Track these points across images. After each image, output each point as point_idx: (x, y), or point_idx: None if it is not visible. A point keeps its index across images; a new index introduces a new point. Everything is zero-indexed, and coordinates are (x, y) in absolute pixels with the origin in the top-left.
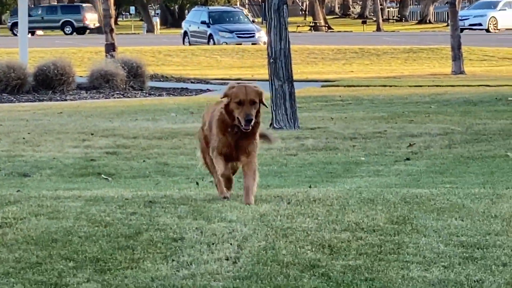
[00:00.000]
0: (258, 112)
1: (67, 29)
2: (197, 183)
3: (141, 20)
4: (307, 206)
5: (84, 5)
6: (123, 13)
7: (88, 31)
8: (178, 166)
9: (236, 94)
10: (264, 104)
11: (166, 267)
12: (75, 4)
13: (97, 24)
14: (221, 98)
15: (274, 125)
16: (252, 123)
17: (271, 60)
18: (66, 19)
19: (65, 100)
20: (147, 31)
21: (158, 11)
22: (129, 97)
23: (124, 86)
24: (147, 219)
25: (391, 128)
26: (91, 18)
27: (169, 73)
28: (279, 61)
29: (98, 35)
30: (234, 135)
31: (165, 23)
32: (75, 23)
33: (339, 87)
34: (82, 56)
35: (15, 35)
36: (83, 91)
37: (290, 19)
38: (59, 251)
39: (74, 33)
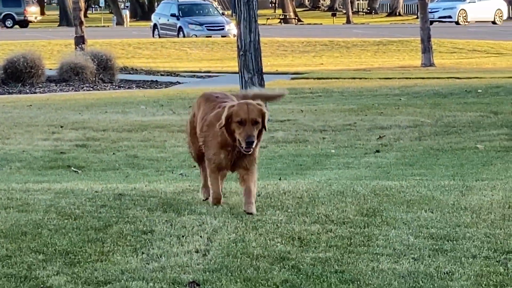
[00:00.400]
0: (260, 132)
1: (8, 22)
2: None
3: (111, 12)
4: (277, 198)
5: None
6: (93, 6)
7: (29, 24)
8: (148, 159)
9: (237, 112)
10: (264, 127)
11: (136, 260)
12: None
13: (39, 18)
14: (223, 117)
15: None
16: (253, 145)
17: (241, 53)
18: (7, 12)
19: (35, 92)
20: (116, 24)
21: (128, 4)
22: (99, 90)
23: (94, 78)
24: (117, 212)
25: (361, 121)
26: (33, 11)
27: (139, 66)
28: (249, 53)
29: (68, 27)
30: (234, 154)
31: (134, 16)
32: (16, 16)
33: (309, 79)
34: (51, 49)
35: None
36: (52, 83)
37: (259, 12)
38: (29, 244)
39: (16, 26)
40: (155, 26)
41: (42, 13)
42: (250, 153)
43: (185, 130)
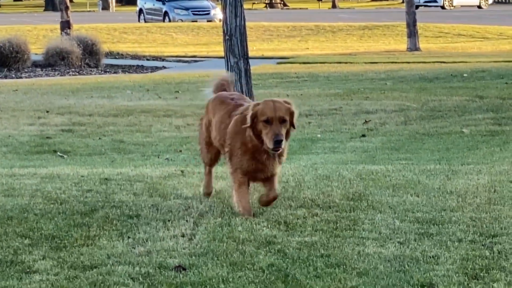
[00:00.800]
0: (288, 132)
1: None
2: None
3: None
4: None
5: None
6: None
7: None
8: (134, 144)
9: (263, 111)
10: (293, 126)
11: (122, 244)
12: None
13: None
14: (248, 117)
15: None
16: (282, 145)
17: (227, 37)
18: None
19: (20, 77)
20: (102, 9)
21: None
22: (85, 75)
23: (80, 63)
24: (103, 197)
25: (347, 105)
26: None
27: (125, 51)
28: (235, 38)
29: (53, 12)
30: (263, 159)
31: (120, 1)
32: None
33: (294, 64)
34: (37, 34)
35: None
36: (38, 68)
37: None
38: (15, 229)
39: None
40: (140, 10)
41: None
42: (279, 152)
43: (199, 135)
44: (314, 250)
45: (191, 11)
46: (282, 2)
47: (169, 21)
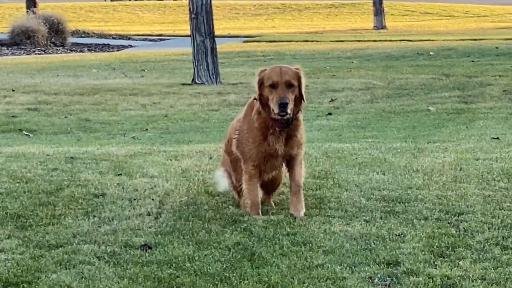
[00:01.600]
0: (298, 99)
1: None
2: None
3: None
4: None
5: None
6: None
7: None
8: (99, 122)
9: (269, 75)
10: (301, 92)
11: (88, 223)
12: None
13: None
14: (256, 83)
15: (196, 80)
16: (288, 110)
17: (193, 16)
18: None
19: None
20: None
21: None
22: (51, 53)
23: (46, 42)
24: (68, 175)
25: (313, 83)
26: None
27: (91, 29)
28: (201, 16)
29: None
30: (274, 135)
31: None
32: None
33: (261, 42)
34: (2, 12)
35: None
36: (4, 47)
37: None
38: None
39: None
40: None
41: None
42: (285, 116)
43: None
44: (280, 228)
45: None
46: None
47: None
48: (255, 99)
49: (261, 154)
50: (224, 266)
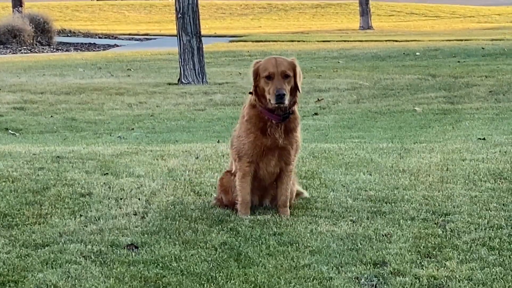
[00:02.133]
0: (294, 90)
1: None
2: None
3: None
4: (216, 161)
5: None
6: None
7: None
8: (85, 121)
9: (264, 66)
10: (297, 86)
11: (74, 222)
12: None
13: None
14: (250, 75)
15: (182, 80)
16: (286, 101)
17: (179, 15)
18: None
19: None
20: None
21: None
22: (37, 52)
23: (32, 41)
24: (55, 174)
25: None
26: None
27: (77, 29)
28: (187, 16)
29: None
30: (271, 128)
31: None
32: None
33: (247, 42)
34: None
35: None
36: None
37: None
38: None
39: None
40: None
41: None
42: (282, 106)
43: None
44: (267, 228)
45: None
46: None
47: None
48: (250, 92)
49: (257, 149)
50: (211, 265)
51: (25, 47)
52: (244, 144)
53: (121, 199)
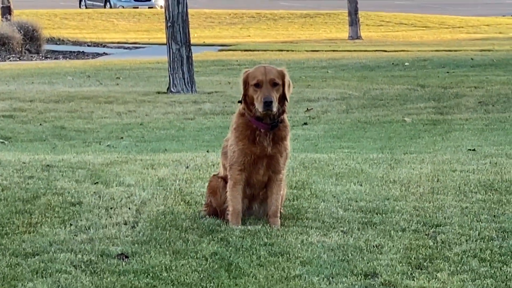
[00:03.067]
0: (282, 98)
1: None
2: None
3: None
4: (206, 170)
5: None
6: None
7: None
8: (75, 130)
9: (253, 74)
10: (284, 91)
11: (64, 232)
12: None
13: None
14: (240, 83)
15: (171, 89)
16: (274, 108)
17: (169, 24)
18: None
19: None
20: None
21: None
22: (25, 60)
23: (20, 49)
24: (45, 183)
25: None
26: None
27: (66, 37)
28: (177, 25)
29: None
30: (260, 136)
31: None
32: None
33: (236, 51)
34: None
35: None
36: None
37: None
38: None
39: None
40: None
41: None
42: (270, 111)
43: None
44: (258, 238)
45: None
46: None
47: (110, 7)
48: (239, 101)
49: (247, 157)
50: (201, 276)
51: (13, 55)
52: (234, 151)
53: (111, 208)
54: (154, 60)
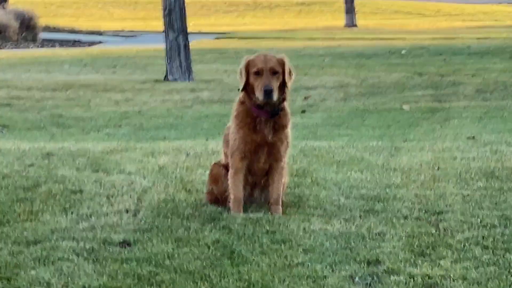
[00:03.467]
0: (282, 86)
1: None
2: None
3: None
4: (206, 158)
5: None
6: None
7: None
8: (73, 118)
9: (254, 61)
10: (284, 78)
11: (66, 220)
12: None
13: None
14: (242, 69)
15: (169, 77)
16: (274, 97)
17: (166, 12)
18: None
19: None
20: None
21: None
22: (22, 49)
23: (17, 37)
24: (45, 171)
25: None
26: None
27: (62, 25)
28: (174, 13)
29: None
30: (260, 124)
31: None
32: None
33: (232, 39)
34: None
35: None
36: None
37: None
38: None
39: None
40: None
41: None
42: (271, 99)
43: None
44: (260, 226)
45: None
46: None
47: None
48: (241, 89)
49: (248, 145)
50: (204, 263)
51: (10, 43)
52: (235, 139)
53: (112, 196)
54: (151, 48)
